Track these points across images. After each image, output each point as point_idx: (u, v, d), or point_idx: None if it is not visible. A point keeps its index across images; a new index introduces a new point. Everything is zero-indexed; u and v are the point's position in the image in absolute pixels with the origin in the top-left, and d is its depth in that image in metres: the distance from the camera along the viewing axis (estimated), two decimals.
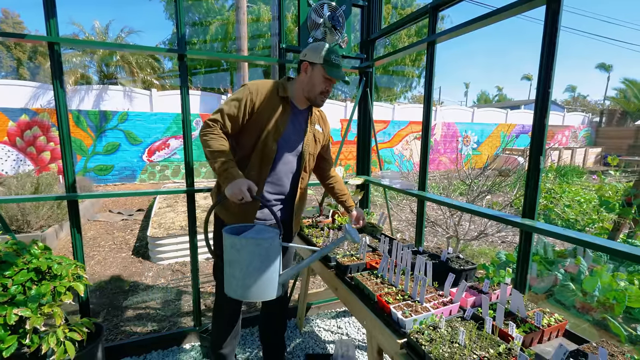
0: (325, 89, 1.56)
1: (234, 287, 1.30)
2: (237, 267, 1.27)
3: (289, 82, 1.63)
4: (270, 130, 1.53)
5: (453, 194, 5.88)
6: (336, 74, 1.52)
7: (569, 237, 1.32)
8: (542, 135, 1.43)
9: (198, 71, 14.91)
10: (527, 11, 1.45)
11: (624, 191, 3.35)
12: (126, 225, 5.44)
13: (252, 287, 1.28)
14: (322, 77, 1.52)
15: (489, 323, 1.17)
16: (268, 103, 1.54)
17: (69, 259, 1.88)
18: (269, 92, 1.56)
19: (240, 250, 1.25)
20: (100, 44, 2.51)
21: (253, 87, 1.54)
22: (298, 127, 1.63)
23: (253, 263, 1.26)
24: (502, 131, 15.04)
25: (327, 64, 1.50)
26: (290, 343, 2.38)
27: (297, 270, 1.38)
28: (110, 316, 2.74)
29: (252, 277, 1.27)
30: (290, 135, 1.60)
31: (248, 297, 1.29)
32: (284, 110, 1.57)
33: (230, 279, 1.31)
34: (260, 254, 1.26)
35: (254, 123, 1.54)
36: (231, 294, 1.32)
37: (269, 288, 1.30)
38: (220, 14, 14.56)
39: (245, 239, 1.27)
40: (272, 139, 1.54)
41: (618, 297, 2.52)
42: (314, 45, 1.55)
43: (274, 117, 1.54)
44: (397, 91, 18.45)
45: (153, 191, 2.30)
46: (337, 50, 1.56)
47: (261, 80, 1.60)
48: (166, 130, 9.67)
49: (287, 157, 1.62)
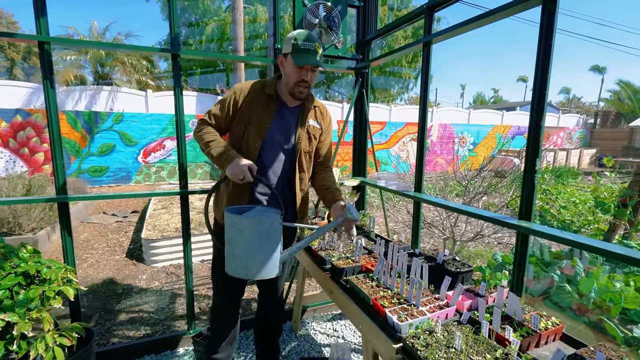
0: (300, 78, 1.44)
1: (234, 266, 1.30)
2: (238, 246, 1.27)
3: (277, 81, 1.59)
4: (254, 128, 1.51)
5: (449, 195, 5.89)
6: (304, 60, 1.38)
7: (566, 239, 1.30)
8: (538, 137, 1.42)
9: (194, 72, 14.85)
10: (523, 11, 1.44)
11: (619, 192, 3.36)
12: (120, 227, 5.38)
13: (252, 266, 1.28)
14: (293, 66, 1.42)
15: (485, 327, 1.16)
16: (252, 102, 1.52)
17: (58, 262, 1.84)
18: (254, 91, 1.53)
19: (242, 230, 1.25)
20: (92, 43, 2.48)
21: (238, 87, 1.54)
22: (286, 125, 1.57)
23: (254, 242, 1.26)
24: (498, 132, 15.12)
25: (296, 52, 1.40)
26: (286, 347, 2.36)
27: (297, 248, 1.38)
28: (102, 320, 2.69)
29: (253, 256, 1.28)
30: (277, 134, 1.55)
31: (249, 275, 1.29)
32: (269, 108, 1.53)
33: (230, 258, 1.31)
34: (262, 233, 1.26)
35: (239, 122, 1.53)
36: (231, 273, 1.32)
37: (270, 266, 1.30)
38: (216, 15, 14.53)
39: (246, 218, 1.27)
40: (255, 137, 1.51)
41: (614, 298, 2.52)
42: (288, 34, 1.47)
43: (257, 115, 1.51)
44: (394, 93, 18.49)
45: (145, 193, 2.27)
46: (310, 36, 1.41)
47: (248, 81, 1.58)
48: (162, 131, 9.61)
49: (276, 156, 1.57)
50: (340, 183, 2.59)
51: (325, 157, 1.74)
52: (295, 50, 1.40)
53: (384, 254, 1.76)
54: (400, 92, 18.89)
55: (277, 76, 1.61)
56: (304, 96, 1.53)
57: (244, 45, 8.52)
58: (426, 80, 2.00)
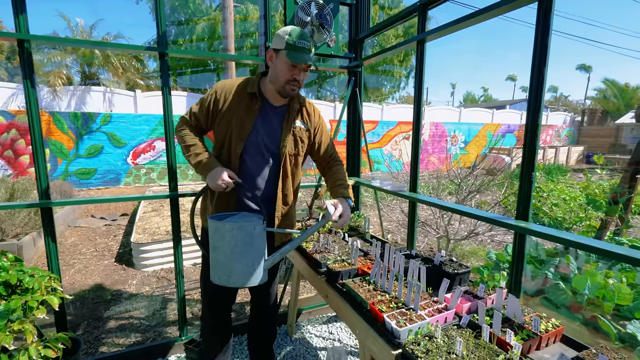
0: (291, 76, 1.38)
1: (218, 273, 1.28)
2: (221, 252, 1.25)
3: (262, 78, 1.50)
4: (235, 129, 1.44)
5: (442, 194, 5.91)
6: (300, 58, 1.33)
7: (564, 239, 1.29)
8: (534, 138, 1.40)
9: (184, 72, 14.64)
10: (519, 7, 1.42)
11: (610, 189, 3.40)
12: (109, 231, 5.26)
13: (236, 272, 1.26)
14: (286, 63, 1.36)
15: (486, 331, 1.13)
16: (234, 101, 1.44)
17: (42, 270, 1.76)
18: (236, 89, 1.46)
19: (224, 235, 1.23)
20: (78, 41, 2.38)
21: (220, 85, 1.48)
22: (270, 125, 1.48)
23: (237, 247, 1.23)
24: (489, 131, 15.27)
25: (290, 49, 1.33)
26: (281, 351, 2.31)
27: (281, 254, 1.35)
28: (90, 328, 2.61)
29: (236, 262, 1.25)
30: (260, 136, 1.47)
31: (233, 282, 1.26)
32: (252, 107, 1.45)
33: (215, 265, 1.29)
34: (244, 238, 1.24)
35: (220, 122, 1.47)
36: (216, 281, 1.29)
37: (255, 273, 1.28)
38: (207, 14, 14.34)
39: (228, 223, 1.26)
40: (237, 138, 1.45)
41: (608, 295, 2.53)
42: (279, 30, 1.40)
43: (239, 115, 1.44)
44: (386, 92, 18.53)
45: (134, 197, 2.20)
46: (305, 34, 1.37)
47: (230, 79, 1.51)
48: (151, 132, 9.44)
49: (260, 159, 1.49)
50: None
51: (328, 153, 1.65)
52: (289, 48, 1.34)
53: (381, 256, 1.73)
54: (392, 91, 18.92)
55: (261, 73, 1.52)
56: (294, 95, 1.47)
57: (234, 43, 8.42)
58: (420, 79, 1.98)
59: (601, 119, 22.03)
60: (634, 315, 2.39)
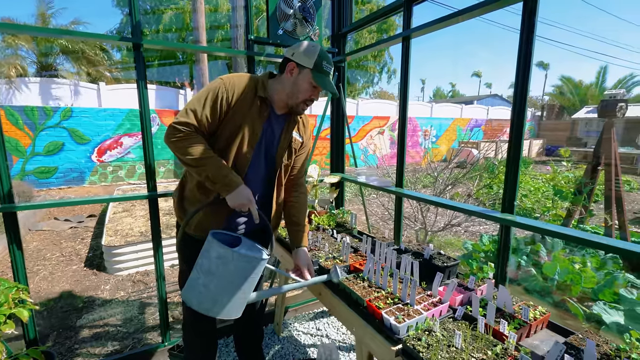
0: (310, 97, 1.38)
1: (200, 300, 1.14)
2: (214, 279, 1.13)
3: (270, 81, 1.42)
4: (246, 134, 1.33)
5: (417, 186, 6.06)
6: (325, 84, 1.34)
7: (548, 230, 1.36)
8: (520, 134, 1.45)
9: (151, 64, 13.92)
10: (506, 6, 1.46)
11: (574, 180, 3.64)
12: (76, 234, 4.94)
13: (223, 304, 1.15)
14: (309, 83, 1.34)
15: (481, 323, 1.17)
16: (244, 102, 1.33)
17: (8, 281, 1.61)
18: (246, 89, 1.34)
19: (227, 264, 1.12)
20: (42, 30, 2.17)
21: (229, 82, 1.31)
22: (270, 133, 1.42)
23: (235, 281, 1.14)
24: (458, 125, 15.86)
25: (317, 71, 1.32)
26: (269, 351, 2.28)
27: (270, 294, 1.36)
28: (62, 339, 2.44)
29: (228, 295, 1.15)
30: (265, 143, 1.41)
31: (213, 312, 1.14)
32: (262, 112, 1.37)
33: (199, 290, 1.15)
34: (246, 273, 1.15)
35: (227, 124, 1.31)
36: (194, 306, 1.15)
37: (238, 308, 1.20)
38: (174, 3, 13.68)
39: (238, 254, 1.13)
40: (248, 145, 1.34)
41: (575, 279, 2.72)
42: (305, 45, 1.34)
43: (250, 119, 1.34)
44: (359, 87, 18.69)
45: (107, 198, 2.06)
46: (329, 57, 1.36)
47: (237, 75, 1.38)
48: (118, 128, 8.93)
49: (261, 166, 1.44)
50: (320, 180, 2.54)
51: (300, 171, 1.60)
52: (317, 69, 1.32)
53: (371, 252, 1.73)
54: (365, 85, 19.13)
55: (268, 75, 1.43)
56: (303, 113, 1.46)
57: (205, 35, 8.10)
58: (406, 75, 1.99)
59: (558, 114, 23.55)
60: (598, 297, 2.58)
